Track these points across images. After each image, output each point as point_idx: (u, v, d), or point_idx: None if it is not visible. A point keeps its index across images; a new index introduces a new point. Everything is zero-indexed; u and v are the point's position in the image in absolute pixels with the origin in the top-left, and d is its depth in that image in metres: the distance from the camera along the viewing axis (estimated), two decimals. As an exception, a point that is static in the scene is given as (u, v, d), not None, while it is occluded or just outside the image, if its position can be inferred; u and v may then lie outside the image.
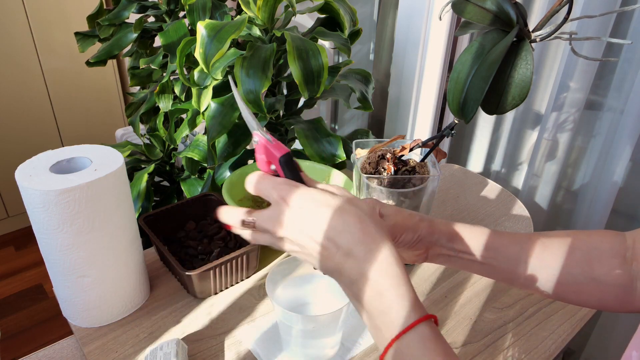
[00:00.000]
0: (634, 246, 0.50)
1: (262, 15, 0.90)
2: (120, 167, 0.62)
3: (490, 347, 0.67)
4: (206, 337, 0.67)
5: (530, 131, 1.29)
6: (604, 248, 0.50)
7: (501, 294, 0.77)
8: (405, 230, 0.52)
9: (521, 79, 0.55)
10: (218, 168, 1.05)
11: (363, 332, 0.68)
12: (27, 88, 2.01)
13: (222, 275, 0.73)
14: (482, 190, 1.07)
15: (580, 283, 0.50)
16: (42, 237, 0.61)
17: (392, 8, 1.54)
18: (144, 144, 1.19)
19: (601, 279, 0.50)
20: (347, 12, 1.00)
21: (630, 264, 0.49)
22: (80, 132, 2.23)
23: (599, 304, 0.51)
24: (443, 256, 0.54)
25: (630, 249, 0.50)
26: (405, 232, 0.52)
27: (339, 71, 0.97)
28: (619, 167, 1.07)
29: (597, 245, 0.51)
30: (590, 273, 0.50)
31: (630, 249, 0.50)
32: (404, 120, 1.46)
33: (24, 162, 0.62)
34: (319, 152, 0.95)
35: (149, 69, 1.21)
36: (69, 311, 0.68)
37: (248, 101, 0.84)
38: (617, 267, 0.49)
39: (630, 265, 0.49)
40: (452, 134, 0.66)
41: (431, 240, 0.53)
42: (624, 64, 1.06)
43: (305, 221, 0.43)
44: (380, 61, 1.66)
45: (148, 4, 1.19)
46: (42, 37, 1.98)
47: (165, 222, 0.82)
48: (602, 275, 0.49)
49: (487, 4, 0.56)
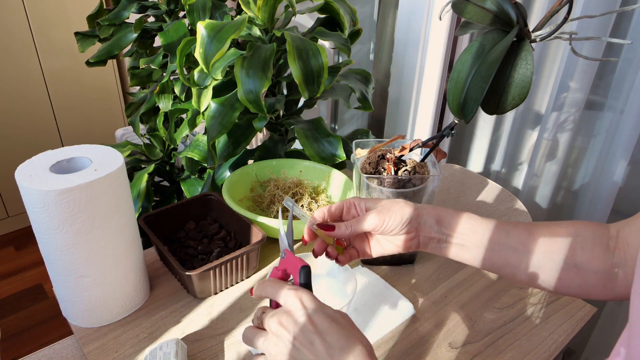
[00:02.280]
0: (617, 236, 0.51)
1: (262, 15, 0.90)
2: (120, 167, 0.62)
3: (490, 347, 0.67)
4: (206, 337, 0.67)
5: (530, 131, 1.29)
6: (587, 236, 0.52)
7: (501, 294, 0.77)
8: (391, 213, 0.54)
9: (521, 79, 0.55)
10: (218, 168, 1.05)
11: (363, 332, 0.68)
12: (27, 88, 2.01)
13: (222, 275, 0.73)
14: (482, 190, 1.07)
15: (562, 270, 0.51)
16: (42, 237, 0.61)
17: (392, 8, 1.54)
18: (144, 144, 1.19)
19: (583, 266, 0.51)
20: (347, 12, 1.00)
21: (612, 252, 0.50)
22: (80, 132, 2.23)
23: (579, 290, 0.52)
24: (433, 240, 0.56)
25: (614, 238, 0.51)
26: (392, 215, 0.54)
27: (339, 71, 0.98)
28: (619, 167, 1.07)
29: (581, 233, 0.52)
30: (573, 260, 0.51)
31: (613, 238, 0.51)
32: (404, 120, 1.46)
33: (24, 162, 0.62)
34: (319, 152, 0.95)
35: (149, 69, 1.21)
36: (69, 311, 0.68)
37: (248, 101, 0.84)
38: (599, 255, 0.50)
39: (613, 253, 0.50)
40: (452, 134, 0.66)
41: (420, 222, 0.55)
42: (624, 64, 1.06)
43: None
44: (380, 61, 1.66)
45: (148, 4, 1.19)
46: (42, 37, 1.98)
47: (165, 222, 0.82)
48: (584, 263, 0.51)
49: (487, 4, 0.56)
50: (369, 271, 0.79)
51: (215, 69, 0.89)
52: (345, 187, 0.91)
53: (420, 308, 0.73)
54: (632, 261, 0.49)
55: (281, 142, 1.06)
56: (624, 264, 0.50)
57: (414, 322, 0.71)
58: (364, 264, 0.82)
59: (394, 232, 0.55)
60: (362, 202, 0.57)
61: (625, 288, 0.50)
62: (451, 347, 0.67)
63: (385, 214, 0.54)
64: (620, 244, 0.50)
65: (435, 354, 0.66)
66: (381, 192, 0.72)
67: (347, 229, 0.54)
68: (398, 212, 0.54)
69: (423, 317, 0.72)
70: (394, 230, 0.55)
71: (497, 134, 1.38)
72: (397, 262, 0.81)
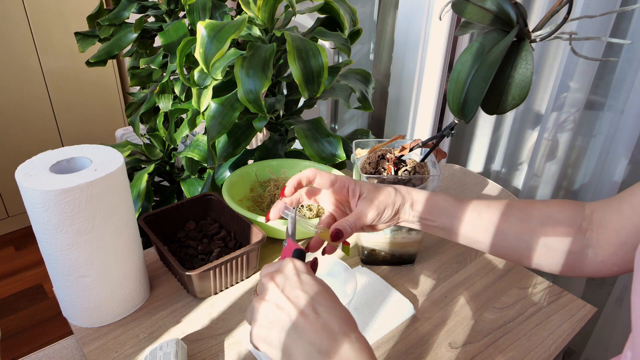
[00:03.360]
0: (591, 216, 0.53)
1: (262, 15, 0.90)
2: (120, 167, 0.62)
3: (490, 347, 0.67)
4: (206, 337, 0.67)
5: (530, 131, 1.29)
6: (560, 218, 0.54)
7: (501, 294, 0.77)
8: (386, 206, 0.57)
9: (521, 79, 0.55)
10: (218, 168, 1.05)
11: (363, 332, 0.68)
12: (27, 88, 2.01)
13: (222, 275, 0.73)
14: (482, 190, 1.07)
15: (532, 249, 0.54)
16: (42, 237, 0.61)
17: (392, 8, 1.54)
18: (144, 144, 1.19)
19: (553, 246, 0.53)
20: (347, 12, 1.00)
21: (584, 233, 0.53)
22: (80, 132, 2.23)
23: (548, 268, 0.55)
24: (408, 221, 0.59)
25: (587, 218, 0.53)
26: (387, 208, 0.57)
27: (339, 71, 0.98)
28: (619, 167, 1.07)
29: (553, 214, 0.54)
30: (543, 240, 0.54)
31: (587, 218, 0.53)
32: (404, 120, 1.46)
33: (24, 162, 0.62)
34: (319, 152, 0.95)
35: (149, 69, 1.21)
36: (69, 311, 0.68)
37: (248, 101, 0.84)
38: (571, 236, 0.53)
39: (584, 234, 0.52)
40: (452, 134, 0.66)
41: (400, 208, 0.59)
42: (624, 64, 1.06)
43: None
44: (380, 61, 1.66)
45: (148, 4, 1.19)
46: (42, 37, 1.98)
47: (165, 222, 0.82)
48: (555, 243, 0.53)
49: (487, 4, 0.56)
50: (369, 271, 0.79)
51: (215, 69, 0.89)
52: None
53: (420, 308, 0.73)
54: (604, 242, 0.51)
55: (281, 142, 1.06)
56: (595, 244, 0.52)
57: (414, 322, 0.71)
58: (364, 264, 0.82)
59: (385, 222, 0.58)
60: (356, 186, 0.58)
61: (594, 267, 0.52)
62: (451, 347, 0.67)
63: (381, 207, 0.56)
64: (593, 225, 0.52)
65: (435, 354, 0.66)
66: (381, 192, 0.72)
67: (352, 230, 0.55)
68: (390, 204, 0.57)
69: (423, 317, 0.72)
70: (387, 222, 0.58)
71: (497, 134, 1.38)
72: (397, 262, 0.82)
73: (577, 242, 0.52)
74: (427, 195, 0.58)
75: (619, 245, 0.49)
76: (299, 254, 0.51)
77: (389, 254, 0.80)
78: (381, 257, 0.81)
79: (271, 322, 0.44)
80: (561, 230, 0.53)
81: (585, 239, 0.52)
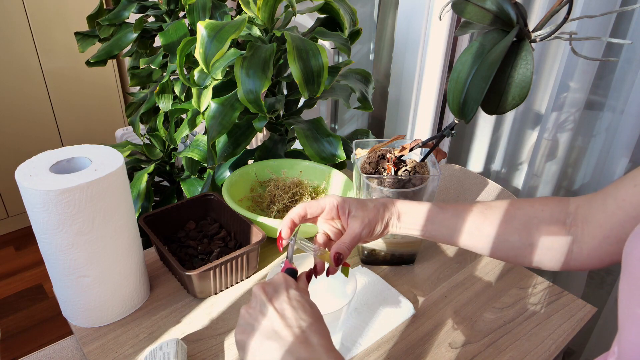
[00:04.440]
0: (575, 212, 0.53)
1: (262, 15, 0.90)
2: (120, 167, 0.62)
3: (490, 347, 0.67)
4: (206, 337, 0.67)
5: (530, 131, 1.29)
6: (543, 216, 0.55)
7: (501, 294, 0.77)
8: (376, 223, 0.58)
9: (521, 79, 0.55)
10: (218, 168, 1.05)
11: (363, 332, 0.68)
12: (27, 88, 2.01)
13: (222, 275, 0.73)
14: (482, 190, 1.07)
15: (517, 248, 0.55)
16: (42, 237, 0.61)
17: (392, 8, 1.54)
18: (144, 144, 1.19)
19: (538, 245, 0.54)
20: (347, 12, 1.00)
21: (568, 229, 0.53)
22: (80, 132, 2.23)
23: (536, 265, 0.56)
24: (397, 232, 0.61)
25: (572, 214, 0.53)
26: (377, 224, 0.59)
27: (339, 71, 0.97)
28: (619, 167, 1.07)
29: (537, 214, 0.55)
30: (528, 239, 0.55)
31: (571, 214, 0.53)
32: (404, 120, 1.46)
33: (24, 162, 0.62)
34: (319, 152, 0.95)
35: (149, 69, 1.21)
36: (69, 311, 0.68)
37: (248, 101, 0.84)
38: (555, 234, 0.53)
39: (569, 230, 0.53)
40: (452, 134, 0.66)
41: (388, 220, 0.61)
42: (624, 64, 1.06)
43: None
44: (380, 61, 1.66)
45: (148, 4, 1.19)
46: (42, 37, 1.97)
47: (165, 222, 0.82)
48: (539, 241, 0.54)
49: (487, 4, 0.56)
50: (369, 271, 0.79)
51: (215, 69, 0.89)
52: (345, 187, 0.91)
53: (420, 308, 0.73)
54: (588, 237, 0.51)
55: (281, 142, 1.06)
56: (580, 239, 0.52)
57: (414, 322, 0.71)
58: (364, 264, 0.82)
59: (377, 235, 0.60)
60: (345, 204, 0.59)
61: (579, 262, 0.53)
62: (451, 347, 0.67)
63: (372, 225, 0.58)
64: (578, 221, 0.53)
65: (435, 354, 0.66)
66: (381, 192, 0.72)
67: (349, 251, 0.57)
68: (380, 220, 0.59)
69: (423, 317, 0.72)
70: (378, 235, 0.60)
71: (497, 134, 1.38)
72: (397, 262, 0.82)
73: (561, 239, 0.53)
74: (412, 206, 0.60)
75: (603, 238, 0.49)
76: (291, 272, 0.53)
77: (389, 254, 0.80)
78: (381, 257, 0.81)
79: (253, 329, 0.45)
80: (545, 229, 0.54)
81: (570, 234, 0.53)
